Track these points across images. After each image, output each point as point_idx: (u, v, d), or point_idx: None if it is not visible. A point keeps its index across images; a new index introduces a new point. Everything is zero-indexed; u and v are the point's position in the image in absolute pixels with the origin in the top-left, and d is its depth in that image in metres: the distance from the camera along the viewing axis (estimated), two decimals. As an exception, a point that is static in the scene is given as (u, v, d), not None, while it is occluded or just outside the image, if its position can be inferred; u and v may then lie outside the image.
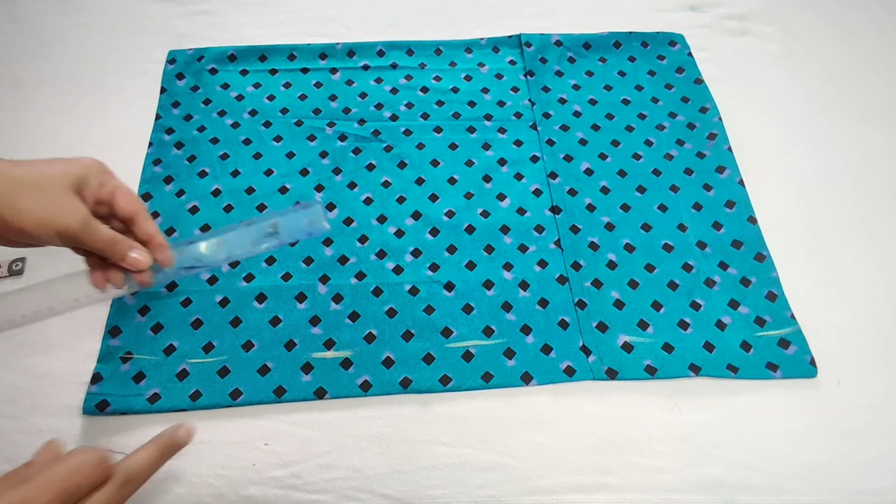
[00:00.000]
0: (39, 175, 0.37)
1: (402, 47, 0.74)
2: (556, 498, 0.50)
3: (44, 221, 0.37)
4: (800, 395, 0.54)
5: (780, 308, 0.57)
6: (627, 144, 0.68)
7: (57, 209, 0.37)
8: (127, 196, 0.42)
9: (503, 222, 0.62)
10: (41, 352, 0.55)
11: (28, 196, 0.36)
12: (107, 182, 0.41)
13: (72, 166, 0.39)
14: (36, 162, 0.39)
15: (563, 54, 0.74)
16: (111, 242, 0.41)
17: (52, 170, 0.38)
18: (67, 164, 0.39)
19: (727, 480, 0.50)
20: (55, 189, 0.37)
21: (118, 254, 0.41)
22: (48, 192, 0.37)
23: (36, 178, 0.37)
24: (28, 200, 0.36)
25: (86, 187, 0.40)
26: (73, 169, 0.39)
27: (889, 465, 0.51)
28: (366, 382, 0.54)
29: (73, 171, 0.39)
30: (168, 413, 0.52)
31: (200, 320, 0.56)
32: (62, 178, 0.38)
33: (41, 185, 0.37)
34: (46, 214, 0.37)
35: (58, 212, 0.37)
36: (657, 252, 0.61)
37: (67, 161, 0.40)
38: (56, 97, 0.70)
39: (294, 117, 0.69)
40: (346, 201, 0.64)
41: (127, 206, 0.42)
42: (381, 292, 0.58)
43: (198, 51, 0.73)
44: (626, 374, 0.54)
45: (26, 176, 0.37)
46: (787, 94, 0.73)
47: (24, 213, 0.36)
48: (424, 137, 0.68)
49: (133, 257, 0.42)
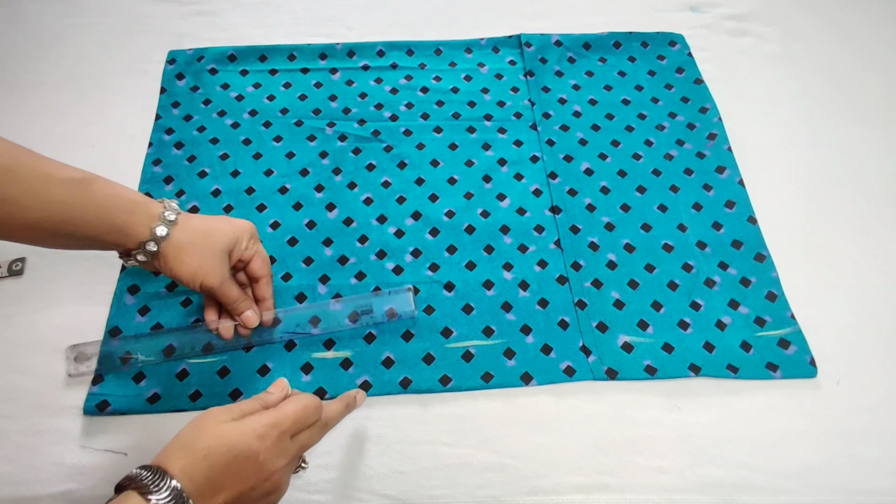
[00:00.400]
0: (204, 237, 0.47)
1: (402, 47, 0.74)
2: (556, 498, 0.50)
3: (194, 276, 0.47)
4: (800, 395, 0.54)
5: (780, 308, 0.57)
6: (627, 144, 0.68)
7: (206, 268, 0.47)
8: (262, 261, 0.52)
9: (503, 222, 0.62)
10: (41, 352, 0.55)
11: (191, 254, 0.46)
12: (251, 247, 0.51)
13: (231, 232, 0.49)
14: (208, 220, 0.49)
15: (563, 54, 0.74)
16: (235, 300, 0.50)
17: (216, 234, 0.47)
18: (229, 230, 0.48)
19: (727, 480, 0.50)
20: (211, 252, 0.47)
21: (238, 309, 0.51)
22: (205, 254, 0.47)
23: (200, 240, 0.46)
24: (189, 258, 0.46)
25: (235, 249, 0.49)
26: (231, 235, 0.48)
27: (889, 465, 0.51)
28: (366, 382, 0.54)
29: (231, 238, 0.48)
30: (168, 413, 0.52)
31: (200, 320, 0.56)
32: (220, 241, 0.48)
33: (202, 246, 0.47)
34: (199, 271, 0.47)
35: (207, 270, 0.47)
36: (657, 252, 0.61)
37: (230, 225, 0.49)
38: (56, 97, 0.70)
39: (294, 117, 0.69)
40: (346, 201, 0.64)
41: (257, 270, 0.52)
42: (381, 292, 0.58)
43: (198, 51, 0.73)
44: (626, 374, 0.54)
45: (194, 239, 0.46)
46: (786, 94, 0.73)
47: (184, 267, 0.46)
48: (424, 137, 0.68)
49: (247, 315, 0.51)
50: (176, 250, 0.46)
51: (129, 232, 0.44)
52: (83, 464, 0.50)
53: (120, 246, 0.46)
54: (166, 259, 0.46)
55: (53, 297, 0.57)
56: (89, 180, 0.43)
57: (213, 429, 0.38)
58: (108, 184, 0.44)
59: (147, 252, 0.45)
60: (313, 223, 0.62)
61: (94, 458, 0.50)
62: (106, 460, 0.50)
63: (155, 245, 0.45)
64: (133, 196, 0.45)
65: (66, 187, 0.41)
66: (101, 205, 0.43)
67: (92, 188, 0.43)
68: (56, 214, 0.41)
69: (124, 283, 0.58)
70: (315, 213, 0.63)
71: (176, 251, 0.46)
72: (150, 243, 0.45)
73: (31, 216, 0.40)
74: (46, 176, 0.41)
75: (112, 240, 0.45)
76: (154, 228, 0.45)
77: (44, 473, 0.49)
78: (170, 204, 0.47)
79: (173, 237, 0.46)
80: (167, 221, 0.45)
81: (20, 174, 0.39)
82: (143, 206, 0.45)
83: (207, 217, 0.50)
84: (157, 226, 0.45)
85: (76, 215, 0.42)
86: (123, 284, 0.58)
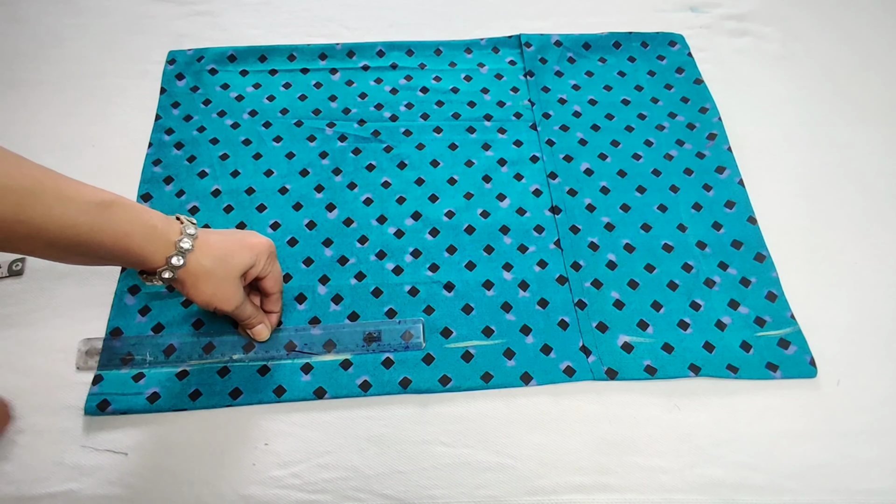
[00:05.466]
0: (220, 263, 0.48)
1: (401, 48, 0.74)
2: (556, 498, 0.50)
3: (209, 301, 0.48)
4: (800, 395, 0.54)
5: (780, 308, 0.57)
6: (627, 145, 0.68)
7: (221, 296, 0.48)
8: (275, 280, 0.53)
9: (503, 222, 0.62)
10: (41, 352, 0.55)
11: (206, 282, 0.47)
12: (267, 267, 0.52)
13: (248, 257, 0.49)
14: (227, 241, 0.49)
15: (563, 54, 0.74)
16: (248, 317, 0.52)
17: (233, 259, 0.48)
18: (246, 255, 0.49)
19: (727, 480, 0.50)
20: (226, 279, 0.48)
21: (250, 325, 0.53)
22: (220, 282, 0.48)
23: (217, 267, 0.47)
24: (205, 286, 0.47)
25: (252, 269, 0.50)
26: (247, 261, 0.49)
27: (889, 465, 0.51)
28: (365, 382, 0.54)
29: (247, 263, 0.49)
30: (168, 413, 0.52)
31: (201, 321, 0.56)
32: (236, 267, 0.49)
33: (218, 273, 0.48)
34: (212, 298, 0.48)
35: (221, 298, 0.49)
36: (657, 252, 0.61)
37: (248, 249, 0.50)
38: (56, 97, 0.70)
39: (294, 118, 0.69)
40: (346, 202, 0.64)
41: (269, 288, 0.54)
42: (381, 293, 0.58)
43: (198, 51, 0.73)
44: (625, 375, 0.54)
45: (211, 266, 0.47)
46: (786, 94, 0.73)
47: (199, 294, 0.48)
48: (424, 138, 0.68)
49: (258, 329, 0.54)
50: (192, 277, 0.47)
51: (146, 258, 0.45)
52: (83, 464, 0.50)
53: (138, 268, 0.46)
54: (183, 284, 0.47)
55: (53, 297, 0.57)
56: (108, 203, 0.43)
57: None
58: (128, 208, 0.44)
59: (163, 279, 0.46)
60: (313, 223, 0.62)
61: (94, 458, 0.50)
62: (106, 460, 0.50)
63: (170, 273, 0.46)
64: (152, 220, 0.45)
65: (85, 211, 0.41)
66: (118, 230, 0.43)
67: (111, 213, 0.43)
68: (74, 238, 0.41)
69: (124, 283, 0.58)
70: (315, 214, 0.63)
71: (192, 278, 0.47)
72: (165, 272, 0.46)
73: (50, 237, 0.40)
74: (67, 199, 0.40)
75: (130, 263, 0.45)
76: (170, 259, 0.45)
77: (44, 473, 0.49)
78: (187, 228, 0.47)
79: (190, 265, 0.46)
80: (183, 251, 0.46)
81: (40, 196, 0.39)
82: (162, 232, 0.45)
83: (226, 237, 0.50)
84: (174, 256, 0.45)
85: (94, 239, 0.42)
86: (123, 284, 0.58)
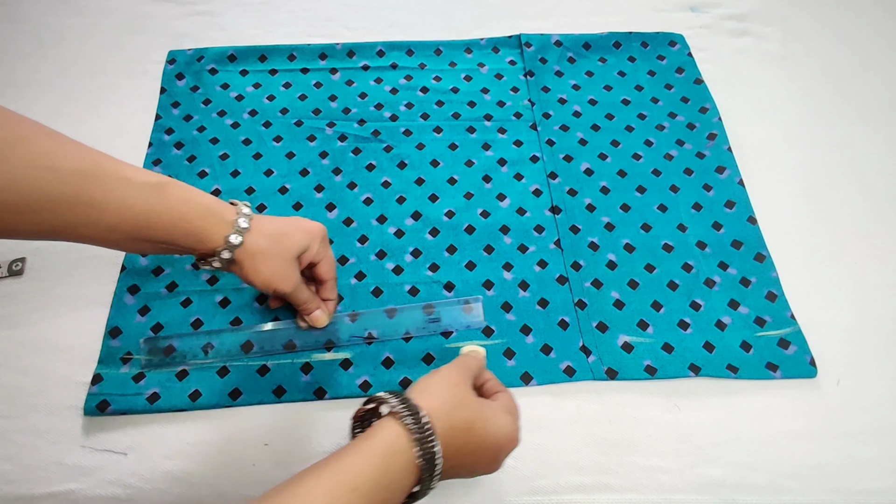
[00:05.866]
0: (276, 243, 0.47)
1: (401, 47, 0.74)
2: (556, 498, 0.50)
3: (268, 283, 0.48)
4: (800, 395, 0.54)
5: (780, 308, 0.57)
6: (627, 144, 0.68)
7: (279, 275, 0.48)
8: (328, 265, 0.53)
9: (503, 222, 0.62)
10: (41, 352, 0.55)
11: (264, 262, 0.47)
12: (321, 251, 0.52)
13: (302, 238, 0.49)
14: (280, 223, 0.49)
15: (563, 54, 0.74)
16: (306, 301, 0.52)
17: (288, 239, 0.48)
18: (300, 235, 0.49)
19: (727, 480, 0.50)
20: (283, 259, 0.48)
21: (307, 310, 0.53)
22: (278, 261, 0.48)
23: (273, 247, 0.47)
24: (263, 265, 0.47)
25: (306, 253, 0.50)
26: (302, 241, 0.49)
27: (889, 465, 0.51)
28: (365, 382, 0.54)
29: (303, 244, 0.49)
30: (168, 413, 0.52)
31: (200, 320, 0.56)
32: (292, 247, 0.48)
33: (275, 253, 0.47)
34: (272, 278, 0.48)
35: (279, 277, 0.48)
36: (657, 252, 0.61)
37: (302, 230, 0.50)
38: (56, 97, 0.70)
39: (294, 117, 0.69)
40: (346, 201, 0.64)
41: (324, 274, 0.53)
42: (381, 292, 0.58)
43: (198, 51, 0.73)
44: (626, 374, 0.54)
45: (267, 246, 0.47)
46: (786, 94, 0.73)
47: (258, 274, 0.47)
48: (424, 137, 0.68)
49: (316, 314, 0.53)
50: (250, 258, 0.46)
51: (203, 238, 0.45)
52: (83, 464, 0.50)
53: (195, 251, 0.46)
54: (241, 266, 0.47)
55: (53, 297, 0.57)
56: (165, 184, 0.43)
57: (476, 406, 0.40)
58: (184, 188, 0.45)
59: (222, 259, 0.46)
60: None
61: (94, 458, 0.50)
62: (106, 460, 0.50)
63: (229, 253, 0.46)
64: (207, 201, 0.46)
65: (142, 191, 0.42)
66: (175, 209, 0.43)
67: (167, 192, 0.43)
68: (133, 218, 0.42)
69: (124, 283, 0.58)
70: (315, 214, 0.63)
71: (250, 259, 0.46)
72: (224, 252, 0.46)
73: (111, 220, 0.41)
74: (125, 180, 0.41)
75: (188, 244, 0.45)
76: (228, 237, 0.45)
77: (43, 473, 0.49)
78: (242, 208, 0.47)
79: (247, 245, 0.46)
80: (241, 229, 0.46)
81: (100, 178, 0.40)
82: (218, 212, 0.46)
83: (279, 220, 0.50)
84: (231, 234, 0.45)
85: (152, 219, 0.42)
86: (123, 284, 0.58)
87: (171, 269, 0.59)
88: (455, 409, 0.39)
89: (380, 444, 0.36)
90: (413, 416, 0.37)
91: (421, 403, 0.38)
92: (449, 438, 0.37)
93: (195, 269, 0.57)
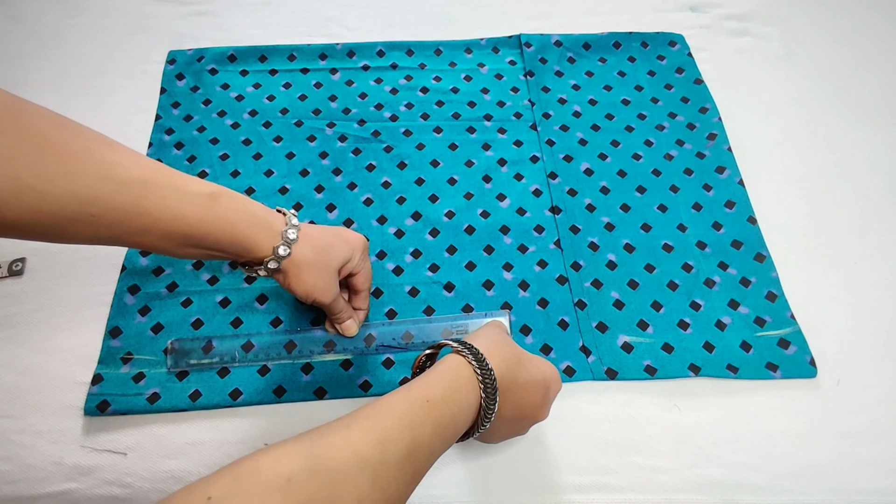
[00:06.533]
0: (321, 255, 0.48)
1: (401, 48, 0.74)
2: (556, 498, 0.50)
3: (309, 293, 0.49)
4: (799, 395, 0.54)
5: (780, 308, 0.57)
6: (627, 144, 0.68)
7: (321, 286, 0.49)
8: (365, 276, 0.54)
9: (503, 223, 0.62)
10: (41, 352, 0.55)
11: (308, 272, 0.48)
12: (360, 263, 0.52)
13: (346, 250, 0.50)
14: (326, 234, 0.50)
15: (563, 54, 0.74)
16: (340, 311, 0.53)
17: (332, 251, 0.49)
18: (344, 248, 0.50)
19: (727, 480, 0.50)
20: (326, 270, 0.49)
21: (340, 319, 0.54)
22: (321, 272, 0.49)
23: (318, 259, 0.48)
24: (307, 275, 0.48)
25: (347, 264, 0.51)
26: (345, 254, 0.50)
27: (889, 465, 0.51)
28: (365, 383, 0.54)
29: (345, 256, 0.50)
30: (168, 413, 0.52)
31: (201, 320, 0.56)
32: (335, 259, 0.50)
33: (319, 264, 0.48)
34: (313, 289, 0.49)
35: (320, 288, 0.49)
36: (657, 252, 0.61)
37: (346, 243, 0.51)
38: (56, 97, 0.70)
39: (294, 118, 0.69)
40: (346, 202, 0.64)
41: (360, 285, 0.54)
42: (381, 293, 0.58)
43: (198, 51, 0.73)
44: (625, 375, 0.54)
45: (312, 257, 0.48)
46: (786, 94, 0.73)
47: (301, 284, 0.48)
48: (424, 138, 0.68)
49: (348, 324, 0.55)
50: (294, 268, 0.47)
51: (252, 248, 0.46)
52: (83, 464, 0.50)
53: (243, 258, 0.47)
54: (285, 275, 0.48)
55: (53, 297, 0.57)
56: (217, 195, 0.44)
57: (520, 348, 0.45)
58: (235, 198, 0.45)
59: (268, 269, 0.47)
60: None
61: (94, 457, 0.50)
62: (105, 460, 0.50)
63: (276, 263, 0.47)
64: (257, 211, 0.46)
65: (195, 202, 0.43)
66: (226, 219, 0.44)
67: (219, 203, 0.44)
68: (186, 227, 0.42)
69: (124, 283, 0.58)
70: (315, 214, 0.63)
71: (294, 269, 0.48)
72: (271, 262, 0.46)
73: (165, 228, 0.41)
74: (179, 190, 0.42)
75: (236, 252, 0.46)
76: (277, 248, 0.46)
77: (43, 473, 0.49)
78: (291, 218, 0.48)
79: (294, 256, 0.47)
80: (289, 241, 0.47)
81: (156, 188, 0.41)
82: (267, 222, 0.46)
83: (325, 230, 0.51)
84: (280, 245, 0.46)
85: (204, 229, 0.43)
86: (123, 284, 0.58)
87: (171, 269, 0.59)
88: (504, 346, 0.44)
89: (446, 369, 0.41)
90: (470, 350, 0.42)
91: (475, 344, 0.43)
92: (504, 369, 0.42)
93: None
